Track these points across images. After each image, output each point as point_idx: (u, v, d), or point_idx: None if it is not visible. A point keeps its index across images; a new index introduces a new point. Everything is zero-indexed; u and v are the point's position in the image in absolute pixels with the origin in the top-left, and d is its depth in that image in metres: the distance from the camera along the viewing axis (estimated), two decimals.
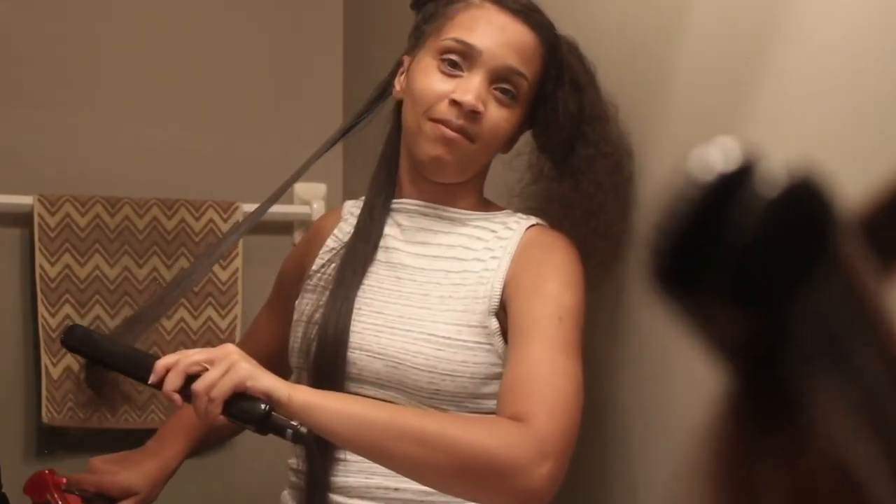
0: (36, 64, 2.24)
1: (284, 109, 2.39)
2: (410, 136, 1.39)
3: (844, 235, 0.28)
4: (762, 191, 0.28)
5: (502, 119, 1.38)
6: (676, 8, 1.40)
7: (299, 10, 2.43)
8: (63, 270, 2.18)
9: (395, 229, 1.45)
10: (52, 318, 2.16)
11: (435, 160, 1.37)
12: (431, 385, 1.33)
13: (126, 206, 2.22)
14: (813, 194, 0.28)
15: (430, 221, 1.44)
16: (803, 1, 1.18)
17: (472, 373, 1.33)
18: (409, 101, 1.40)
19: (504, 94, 1.37)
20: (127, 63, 2.30)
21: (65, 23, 2.27)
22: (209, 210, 2.26)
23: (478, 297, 1.35)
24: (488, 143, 1.38)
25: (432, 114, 1.35)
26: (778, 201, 0.27)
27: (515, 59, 1.37)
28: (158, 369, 1.23)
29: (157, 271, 2.24)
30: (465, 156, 1.37)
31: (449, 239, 1.42)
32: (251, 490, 2.25)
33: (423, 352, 1.33)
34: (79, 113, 2.26)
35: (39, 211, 2.17)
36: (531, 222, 1.42)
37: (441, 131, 1.35)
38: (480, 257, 1.39)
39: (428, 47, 1.40)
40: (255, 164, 2.35)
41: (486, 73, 1.36)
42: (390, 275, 1.41)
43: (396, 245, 1.43)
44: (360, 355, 1.36)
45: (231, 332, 2.26)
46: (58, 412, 2.16)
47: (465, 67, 1.37)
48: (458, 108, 1.34)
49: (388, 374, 1.35)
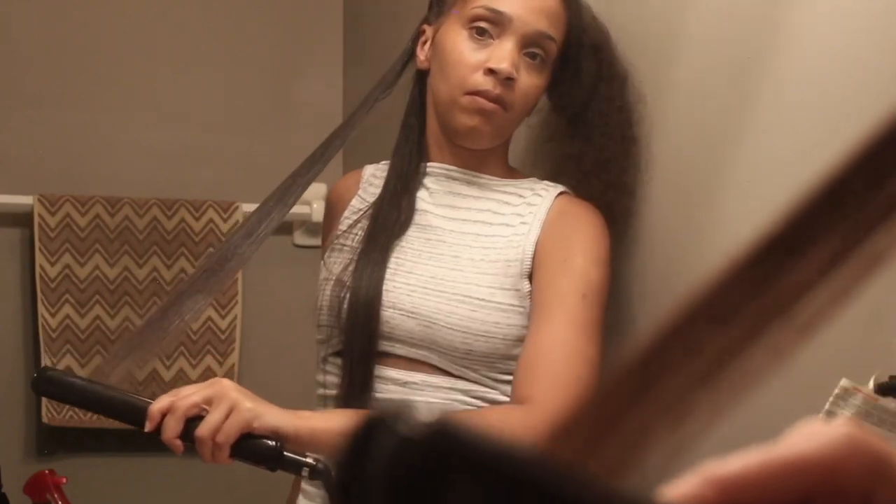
0: (36, 64, 2.24)
1: (284, 109, 2.39)
2: (444, 107, 1.39)
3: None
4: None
5: (532, 85, 1.38)
6: (678, 7, 1.40)
7: (299, 10, 2.43)
8: (63, 270, 2.18)
9: (423, 192, 1.44)
10: (52, 318, 2.16)
11: (472, 130, 1.37)
12: (465, 345, 1.33)
13: (126, 206, 2.22)
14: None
15: (459, 186, 1.44)
16: (804, 1, 1.18)
17: (505, 334, 1.34)
18: (440, 73, 1.39)
19: (533, 58, 1.38)
20: (127, 63, 2.30)
21: (65, 23, 2.27)
22: (209, 210, 2.26)
23: (510, 259, 1.36)
24: (521, 110, 1.39)
25: (468, 86, 1.35)
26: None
27: (545, 24, 1.38)
28: (154, 415, 1.19)
29: (157, 271, 2.24)
30: (500, 124, 1.38)
31: (478, 203, 1.43)
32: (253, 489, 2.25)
33: (457, 312, 1.34)
34: (79, 113, 2.27)
35: (39, 211, 2.17)
36: (560, 189, 1.43)
37: (479, 104, 1.35)
38: (509, 222, 1.40)
39: (454, 16, 1.40)
40: (255, 164, 2.35)
41: (518, 39, 1.36)
42: (420, 236, 1.42)
43: (426, 207, 1.44)
44: (392, 314, 1.36)
45: (231, 331, 2.26)
46: (58, 412, 2.16)
47: (494, 34, 1.36)
48: (493, 76, 1.35)
49: (421, 333, 1.35)
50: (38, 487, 1.44)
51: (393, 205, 1.42)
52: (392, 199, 1.43)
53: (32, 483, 1.45)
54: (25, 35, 2.24)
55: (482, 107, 1.35)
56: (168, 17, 2.34)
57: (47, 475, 1.45)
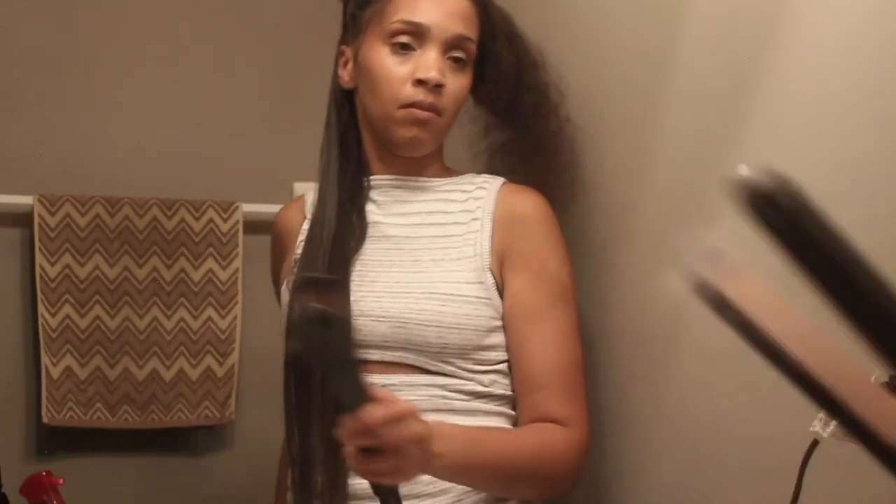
0: (36, 64, 2.24)
1: (284, 110, 2.39)
2: (381, 122, 1.44)
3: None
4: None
5: (460, 87, 1.45)
6: (677, 8, 1.39)
7: (299, 10, 2.42)
8: (63, 270, 2.18)
9: (371, 205, 1.49)
10: (52, 318, 2.16)
11: (412, 140, 1.43)
12: (439, 340, 1.37)
13: (126, 206, 2.22)
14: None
15: (405, 193, 1.49)
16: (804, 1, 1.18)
17: (476, 325, 1.39)
18: (371, 91, 1.45)
19: (456, 62, 1.44)
20: (127, 63, 2.30)
21: (65, 23, 2.27)
22: (209, 210, 2.26)
23: (469, 256, 1.41)
24: (453, 112, 1.46)
25: (401, 100, 1.41)
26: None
27: (461, 26, 1.44)
28: (361, 426, 1.08)
29: (157, 271, 2.23)
30: (437, 130, 1.44)
31: (426, 206, 1.48)
32: (252, 490, 2.25)
33: (427, 308, 1.37)
34: (79, 113, 2.26)
35: (39, 211, 2.17)
36: (501, 181, 1.48)
37: (415, 115, 1.41)
38: (460, 220, 1.45)
39: (373, 33, 1.45)
40: (255, 164, 2.35)
41: (440, 46, 1.42)
42: (377, 247, 1.45)
43: (378, 219, 1.48)
44: (364, 321, 1.38)
45: (231, 331, 2.26)
46: (58, 412, 2.16)
47: (416, 45, 1.42)
48: (423, 86, 1.40)
49: (394, 334, 1.37)
50: (34, 489, 1.44)
51: (346, 222, 1.45)
52: (343, 216, 1.46)
53: (29, 484, 1.45)
54: (25, 35, 2.23)
55: (418, 117, 1.41)
56: (168, 18, 2.34)
57: (44, 476, 1.44)
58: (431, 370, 1.38)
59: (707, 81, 1.34)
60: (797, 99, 1.19)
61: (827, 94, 1.15)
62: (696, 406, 1.37)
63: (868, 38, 1.09)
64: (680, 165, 1.39)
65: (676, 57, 1.40)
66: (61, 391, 2.16)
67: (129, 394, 2.20)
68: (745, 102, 1.26)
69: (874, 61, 1.09)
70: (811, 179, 1.27)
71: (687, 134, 1.38)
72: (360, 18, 1.47)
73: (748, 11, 1.26)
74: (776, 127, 1.22)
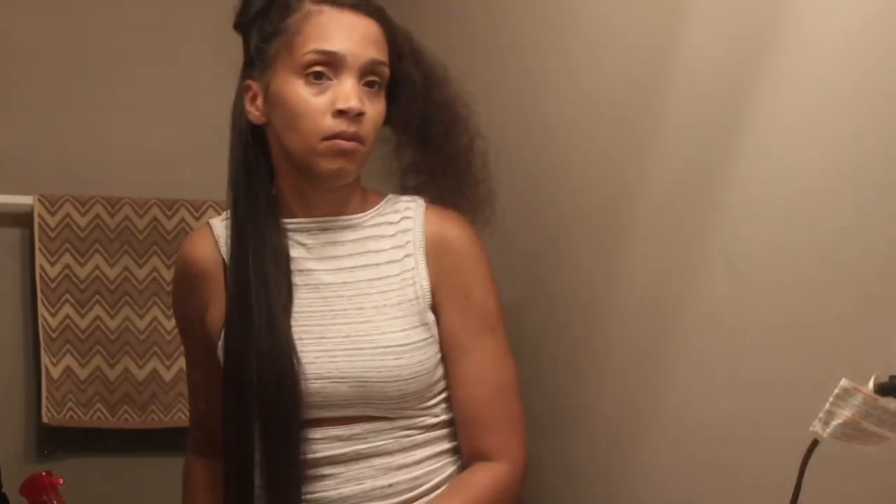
0: (36, 64, 2.24)
1: None
2: (302, 157, 1.39)
3: None
4: None
5: (378, 113, 1.42)
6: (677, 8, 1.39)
7: None
8: (63, 270, 2.18)
9: (300, 250, 1.44)
10: (52, 318, 2.16)
11: (338, 171, 1.39)
12: (399, 392, 1.38)
13: (126, 206, 2.22)
14: None
15: (333, 234, 1.45)
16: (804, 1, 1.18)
17: (428, 368, 1.40)
18: (288, 126, 1.39)
19: (372, 87, 1.41)
20: (127, 63, 2.30)
21: (65, 23, 2.27)
22: (209, 210, 2.26)
23: (410, 299, 1.41)
24: (373, 138, 1.42)
25: (323, 132, 1.37)
26: None
27: (374, 51, 1.40)
28: None
29: (157, 271, 2.23)
30: (360, 158, 1.41)
31: (356, 247, 1.44)
32: None
33: (385, 365, 1.37)
34: (79, 113, 2.26)
35: (39, 211, 2.17)
36: (422, 205, 1.46)
37: (339, 146, 1.37)
38: (393, 258, 1.43)
39: (283, 66, 1.40)
40: None
41: (355, 73, 1.38)
42: (316, 297, 1.42)
43: (310, 266, 1.44)
44: (322, 384, 1.37)
45: None
46: (58, 412, 2.16)
47: (331, 75, 1.38)
48: (344, 116, 1.36)
49: (355, 393, 1.37)
50: (34, 489, 1.43)
51: (270, 274, 1.40)
52: (266, 268, 1.40)
53: (29, 484, 1.44)
54: (26, 35, 2.23)
55: (342, 148, 1.37)
56: (168, 18, 2.34)
57: (44, 476, 1.44)
58: (392, 417, 1.40)
59: (707, 81, 1.34)
60: (797, 99, 1.19)
61: (827, 94, 1.15)
62: (695, 407, 1.37)
63: (868, 38, 1.09)
64: (680, 165, 1.39)
65: (676, 57, 1.39)
66: (61, 391, 2.16)
67: (129, 394, 2.20)
68: (746, 102, 1.26)
69: (874, 61, 1.09)
70: (811, 179, 1.27)
71: (687, 134, 1.38)
72: (267, 52, 1.42)
73: (748, 11, 1.26)
74: (776, 127, 1.22)
